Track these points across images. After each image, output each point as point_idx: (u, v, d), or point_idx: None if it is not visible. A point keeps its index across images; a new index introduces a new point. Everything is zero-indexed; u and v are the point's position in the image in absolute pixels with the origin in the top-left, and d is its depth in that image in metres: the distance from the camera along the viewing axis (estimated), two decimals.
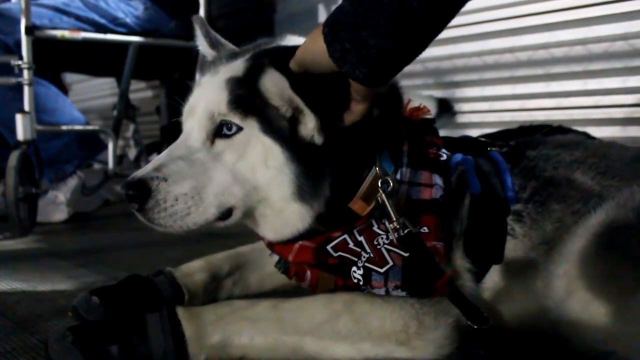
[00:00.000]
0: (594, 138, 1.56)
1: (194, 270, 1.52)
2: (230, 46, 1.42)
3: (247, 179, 1.21)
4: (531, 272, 1.27)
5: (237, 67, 1.25)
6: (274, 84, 1.16)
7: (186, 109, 1.30)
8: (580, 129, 1.65)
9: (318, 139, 1.19)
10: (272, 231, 1.27)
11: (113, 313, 1.33)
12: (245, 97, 1.20)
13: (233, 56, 1.31)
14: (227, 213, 1.23)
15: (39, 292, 1.82)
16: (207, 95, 1.25)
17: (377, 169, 1.22)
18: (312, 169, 1.19)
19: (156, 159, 1.22)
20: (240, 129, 1.20)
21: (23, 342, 1.35)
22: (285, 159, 1.18)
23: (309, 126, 1.18)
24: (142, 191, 1.17)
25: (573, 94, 2.64)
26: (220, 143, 1.22)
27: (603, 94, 2.55)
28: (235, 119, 1.20)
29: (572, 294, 1.18)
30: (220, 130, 1.22)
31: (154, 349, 1.12)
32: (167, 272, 1.49)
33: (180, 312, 1.18)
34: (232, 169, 1.20)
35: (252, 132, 1.20)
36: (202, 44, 1.46)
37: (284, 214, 1.22)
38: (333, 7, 3.45)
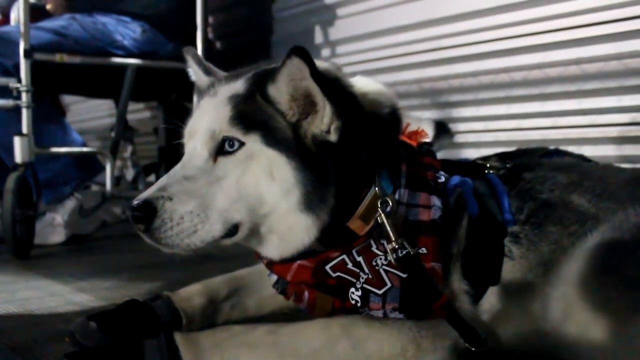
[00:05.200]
0: (590, 160, 1.57)
1: (191, 295, 1.52)
2: (223, 73, 1.44)
3: (251, 194, 1.21)
4: (528, 294, 1.28)
5: (238, 85, 1.28)
6: (294, 70, 1.16)
7: (187, 130, 1.32)
8: (575, 147, 1.66)
9: (334, 136, 1.21)
10: (277, 247, 1.27)
11: (111, 338, 1.32)
12: (247, 112, 1.22)
13: (233, 77, 1.33)
14: (233, 229, 1.23)
15: (36, 316, 1.81)
16: (208, 115, 1.26)
17: (376, 188, 1.23)
18: (318, 176, 1.20)
19: (160, 180, 1.23)
20: (242, 144, 1.21)
21: None
22: (291, 169, 1.19)
23: (325, 120, 1.20)
24: (148, 211, 1.17)
25: (568, 113, 2.66)
26: (222, 160, 1.23)
27: (598, 113, 2.56)
28: (237, 135, 1.21)
29: (569, 316, 1.18)
30: (222, 148, 1.23)
31: None
32: (165, 296, 1.48)
33: (178, 337, 1.18)
34: (236, 185, 1.21)
35: (254, 147, 1.21)
36: (195, 72, 1.49)
37: (291, 226, 1.22)
38: (329, 28, 3.46)
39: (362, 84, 1.34)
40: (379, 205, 1.22)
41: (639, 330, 1.07)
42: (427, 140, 1.44)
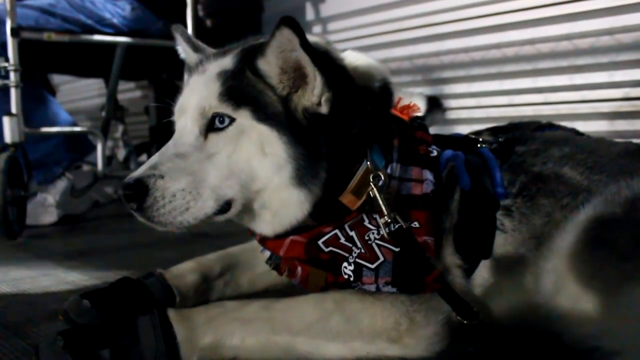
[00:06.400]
0: (582, 134, 1.57)
1: (184, 272, 1.52)
2: (212, 50, 1.43)
3: (243, 170, 1.21)
4: (521, 267, 1.28)
5: (226, 61, 1.27)
6: (284, 41, 1.16)
7: (177, 108, 1.32)
8: (567, 123, 1.66)
9: (324, 108, 1.20)
10: (270, 223, 1.27)
11: (104, 316, 1.32)
12: (237, 88, 1.21)
13: (221, 54, 1.32)
14: (226, 206, 1.23)
15: (29, 295, 1.81)
16: (197, 92, 1.26)
17: (368, 163, 1.24)
18: (310, 150, 1.20)
19: (151, 159, 1.23)
20: (232, 120, 1.21)
21: (13, 347, 1.34)
22: (283, 144, 1.19)
23: (316, 91, 1.19)
24: (140, 190, 1.17)
25: (560, 89, 2.66)
26: (213, 137, 1.23)
27: (590, 89, 2.56)
28: (227, 111, 1.21)
29: (561, 289, 1.18)
30: (212, 125, 1.23)
31: (146, 352, 1.12)
32: (158, 273, 1.49)
33: (172, 314, 1.18)
34: (227, 161, 1.21)
35: (245, 122, 1.21)
36: (185, 50, 1.49)
37: (283, 201, 1.22)
38: (320, 5, 3.43)
39: (352, 58, 1.33)
40: (371, 180, 1.22)
41: (628, 299, 1.08)
42: (419, 114, 1.43)
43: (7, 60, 2.82)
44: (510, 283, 1.29)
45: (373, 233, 1.21)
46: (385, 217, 1.19)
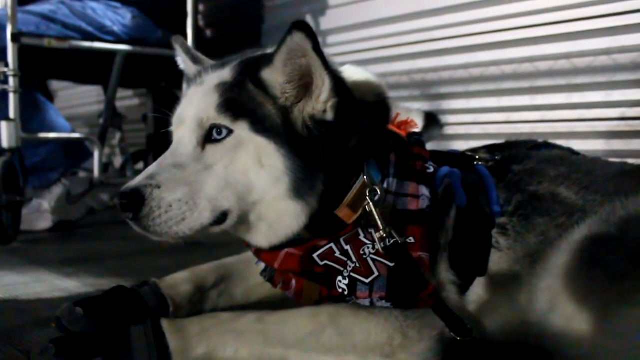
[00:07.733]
0: (578, 153, 1.57)
1: (179, 282, 1.51)
2: (211, 62, 1.44)
3: (240, 181, 1.21)
4: (515, 285, 1.28)
5: (225, 73, 1.27)
6: (295, 47, 1.16)
7: (175, 118, 1.32)
8: (564, 141, 1.66)
9: (330, 114, 1.21)
10: (266, 235, 1.27)
11: (97, 324, 1.32)
12: (236, 99, 1.22)
13: (220, 66, 1.33)
14: (222, 217, 1.23)
15: (22, 302, 1.80)
16: (196, 103, 1.26)
17: (364, 177, 1.24)
18: (308, 162, 1.20)
19: (148, 168, 1.23)
20: (230, 132, 1.21)
21: (5, 354, 1.34)
22: (281, 156, 1.19)
23: (323, 97, 1.19)
24: (136, 199, 1.17)
25: (557, 107, 2.67)
26: (211, 148, 1.23)
27: (587, 108, 2.57)
28: (225, 122, 1.21)
29: (555, 307, 1.19)
30: (210, 136, 1.23)
31: None
32: (152, 283, 1.48)
33: (165, 324, 1.18)
34: (224, 173, 1.21)
35: (243, 134, 1.21)
36: (184, 61, 1.50)
37: (280, 213, 1.22)
38: (320, 18, 3.44)
39: (351, 72, 1.34)
40: (367, 194, 1.22)
41: (623, 321, 1.08)
42: (417, 130, 1.44)
43: (6, 65, 2.82)
44: (505, 301, 1.29)
45: (368, 247, 1.21)
46: (381, 231, 1.19)
